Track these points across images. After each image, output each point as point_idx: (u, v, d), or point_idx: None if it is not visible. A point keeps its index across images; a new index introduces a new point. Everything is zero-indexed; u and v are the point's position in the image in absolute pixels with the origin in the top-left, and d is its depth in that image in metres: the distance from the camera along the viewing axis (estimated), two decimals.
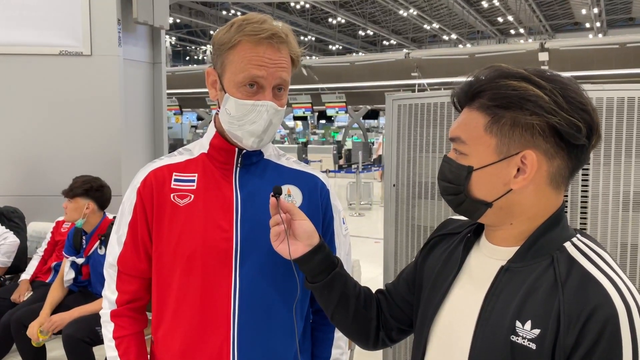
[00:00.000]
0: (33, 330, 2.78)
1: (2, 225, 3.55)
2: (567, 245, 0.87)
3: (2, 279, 3.59)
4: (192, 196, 1.19)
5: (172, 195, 1.20)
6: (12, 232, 3.54)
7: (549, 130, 0.84)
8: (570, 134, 0.83)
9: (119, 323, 1.25)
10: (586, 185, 1.76)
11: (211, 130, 1.25)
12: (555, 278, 0.83)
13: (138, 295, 1.26)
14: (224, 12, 23.89)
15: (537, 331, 0.82)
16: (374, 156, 16.43)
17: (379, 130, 27.27)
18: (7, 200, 3.84)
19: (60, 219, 3.47)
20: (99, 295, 2.94)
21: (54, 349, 2.96)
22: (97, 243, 2.97)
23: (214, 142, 1.23)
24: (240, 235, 1.18)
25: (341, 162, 17.56)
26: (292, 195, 1.24)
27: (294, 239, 1.09)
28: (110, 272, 1.27)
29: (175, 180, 1.21)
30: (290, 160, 1.31)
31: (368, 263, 3.99)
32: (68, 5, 3.82)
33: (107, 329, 1.26)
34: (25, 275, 3.40)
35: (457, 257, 0.99)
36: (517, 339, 0.83)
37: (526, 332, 0.83)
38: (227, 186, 1.21)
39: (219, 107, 1.18)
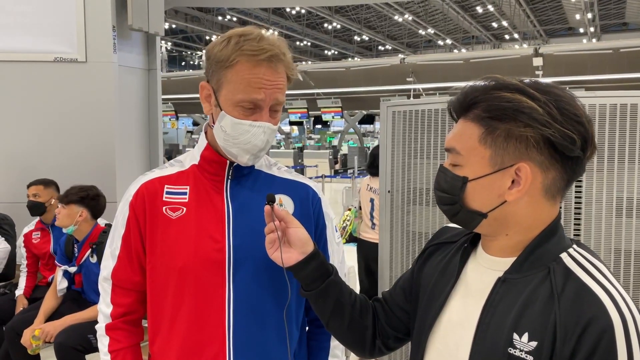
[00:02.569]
0: (27, 338, 2.78)
1: None
2: (564, 256, 0.87)
3: None
4: (184, 209, 1.19)
5: (164, 208, 1.19)
6: (3, 239, 3.51)
7: (543, 142, 0.84)
8: (564, 146, 0.83)
9: (114, 336, 1.24)
10: (579, 192, 1.76)
11: (202, 142, 1.24)
12: (551, 290, 0.83)
13: (133, 308, 1.26)
14: (220, 18, 23.90)
15: (534, 343, 0.82)
16: None
17: (374, 135, 27.29)
18: (0, 207, 3.81)
19: (26, 230, 3.45)
20: (92, 303, 2.93)
21: (48, 357, 2.95)
22: (89, 251, 2.95)
23: (205, 154, 1.23)
24: (232, 246, 1.17)
25: (337, 166, 17.58)
26: (284, 204, 1.23)
27: (288, 247, 1.09)
28: (104, 286, 1.26)
29: (167, 192, 1.21)
30: (281, 170, 1.31)
31: None
32: (63, 11, 3.81)
33: (103, 342, 1.25)
34: (19, 291, 3.38)
35: (454, 267, 0.99)
36: (515, 352, 0.83)
37: (523, 344, 0.83)
38: (219, 198, 1.20)
39: (213, 121, 1.18)
